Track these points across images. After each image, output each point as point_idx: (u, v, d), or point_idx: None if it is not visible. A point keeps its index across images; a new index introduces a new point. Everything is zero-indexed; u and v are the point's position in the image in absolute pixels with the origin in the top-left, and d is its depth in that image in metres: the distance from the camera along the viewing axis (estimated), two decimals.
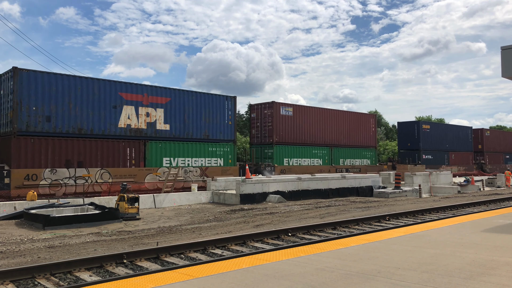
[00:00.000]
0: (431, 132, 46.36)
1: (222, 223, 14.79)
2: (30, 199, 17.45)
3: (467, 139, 51.67)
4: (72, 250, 10.35)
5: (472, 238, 8.32)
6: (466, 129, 52.68)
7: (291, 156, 32.31)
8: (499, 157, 56.41)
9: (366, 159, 38.96)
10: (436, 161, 45.67)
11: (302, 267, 6.10)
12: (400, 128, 48.28)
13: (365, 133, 39.28)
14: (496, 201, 21.67)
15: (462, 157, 50.06)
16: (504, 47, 10.48)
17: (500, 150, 56.41)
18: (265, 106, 32.47)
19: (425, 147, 44.81)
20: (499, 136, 57.45)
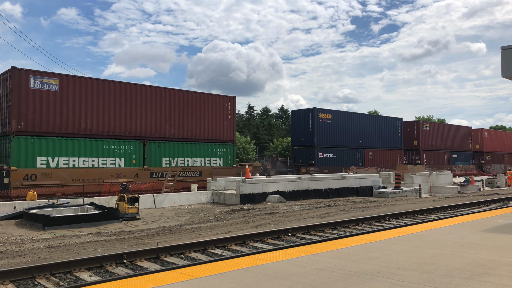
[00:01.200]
0: (334, 124, 36.17)
1: (222, 223, 14.79)
2: (30, 199, 17.44)
3: (395, 133, 42.05)
4: (72, 250, 10.35)
5: (472, 238, 8.32)
6: (393, 121, 42.25)
7: (54, 154, 20.62)
8: (442, 156, 48.01)
9: (216, 158, 27.47)
10: (340, 161, 36.18)
11: (302, 267, 6.10)
12: (294, 118, 37.17)
13: (216, 121, 27.62)
14: (496, 201, 21.66)
15: (386, 156, 40.30)
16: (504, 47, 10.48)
17: (444, 148, 48.69)
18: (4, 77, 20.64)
19: (323, 142, 35.03)
20: (440, 131, 48.39)
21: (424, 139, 45.37)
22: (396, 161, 41.23)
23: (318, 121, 34.82)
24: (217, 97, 28.15)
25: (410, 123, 45.93)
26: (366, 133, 39.12)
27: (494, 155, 55.21)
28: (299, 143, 36.19)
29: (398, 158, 41.95)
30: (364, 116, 40.79)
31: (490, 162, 53.41)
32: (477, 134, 53.82)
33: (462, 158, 50.20)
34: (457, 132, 50.55)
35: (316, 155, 34.61)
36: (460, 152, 50.13)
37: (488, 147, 54.12)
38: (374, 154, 39.24)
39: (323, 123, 35.27)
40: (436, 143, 46.88)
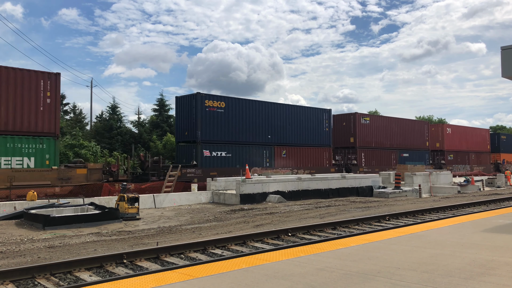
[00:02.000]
0: (228, 114, 27.77)
1: (222, 223, 14.79)
2: (30, 199, 17.44)
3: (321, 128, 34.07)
4: (72, 250, 10.35)
5: (472, 238, 8.32)
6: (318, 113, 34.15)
7: None
8: (388, 155, 39.90)
9: (24, 157, 19.91)
10: (238, 161, 28.01)
11: (302, 267, 6.10)
12: (179, 107, 28.97)
13: (24, 106, 20.06)
14: (496, 201, 21.67)
15: (307, 155, 32.67)
16: (504, 47, 10.49)
17: (391, 145, 40.43)
18: None
19: (211, 137, 26.83)
20: (386, 126, 40.47)
21: (363, 135, 37.70)
22: (323, 160, 33.98)
23: (204, 110, 26.65)
24: (28, 73, 20.32)
25: (346, 116, 38.57)
26: (279, 126, 31.03)
27: (458, 154, 49.07)
28: (183, 138, 28.04)
29: (325, 157, 34.21)
30: (275, 105, 31.65)
31: (452, 162, 47.41)
32: (437, 130, 47.71)
33: (415, 157, 42.96)
34: (409, 128, 43.07)
35: (199, 153, 26.37)
36: (414, 151, 43.07)
37: (450, 145, 47.91)
38: (289, 153, 31.48)
39: (212, 112, 27.12)
40: (380, 140, 39.38)
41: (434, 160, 47.16)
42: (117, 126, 44.29)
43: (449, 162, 47.51)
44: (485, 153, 54.61)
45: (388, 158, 40.16)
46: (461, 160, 49.38)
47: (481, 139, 53.88)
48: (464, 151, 50.19)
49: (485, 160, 54.25)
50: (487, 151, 54.86)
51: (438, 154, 47.39)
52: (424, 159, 44.40)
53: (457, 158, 48.86)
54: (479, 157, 53.08)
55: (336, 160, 37.85)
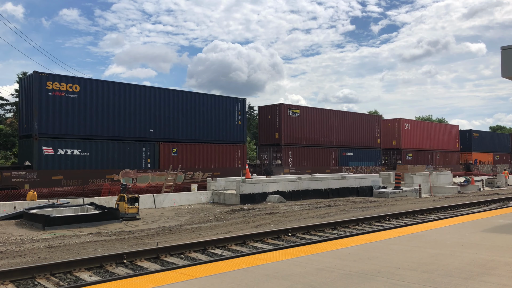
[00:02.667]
0: (86, 101, 21.75)
1: (222, 223, 14.79)
2: (30, 199, 17.44)
3: (230, 121, 27.84)
4: (72, 250, 10.35)
5: (472, 238, 8.32)
6: (227, 102, 27.80)
7: None
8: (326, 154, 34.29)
9: None
10: (100, 161, 22.08)
11: (302, 267, 6.10)
12: (21, 91, 24.04)
13: None
14: (496, 201, 21.67)
15: (209, 153, 26.48)
16: (504, 47, 10.48)
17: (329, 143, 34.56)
18: None
19: (56, 130, 20.77)
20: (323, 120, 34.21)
21: (291, 130, 31.68)
22: (233, 160, 27.61)
23: (45, 95, 20.39)
24: None
25: (271, 108, 31.95)
26: (167, 118, 24.92)
27: (419, 153, 43.41)
28: (25, 131, 21.83)
29: (237, 156, 27.99)
30: (160, 91, 25.04)
31: (411, 162, 41.53)
32: (394, 126, 41.74)
33: (363, 157, 37.30)
34: (354, 122, 36.96)
35: (37, 151, 20.07)
36: (360, 149, 37.19)
37: (409, 143, 42.25)
38: (183, 150, 25.29)
39: (59, 98, 20.74)
40: (314, 136, 33.30)
41: (391, 159, 41.88)
42: None
43: (407, 162, 41.21)
44: (454, 152, 48.92)
45: (326, 158, 34.22)
46: (422, 160, 43.51)
47: (449, 137, 48.14)
48: (426, 150, 44.64)
49: (454, 160, 48.60)
50: (455, 150, 49.21)
51: (395, 153, 41.76)
52: (374, 159, 38.46)
53: (418, 158, 43.21)
54: (446, 156, 47.33)
55: (263, 159, 32.22)
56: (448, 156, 47.64)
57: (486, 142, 54.07)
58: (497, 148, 56.14)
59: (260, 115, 33.41)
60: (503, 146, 57.89)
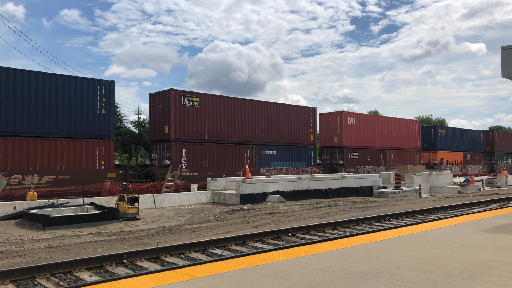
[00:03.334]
0: None
1: (222, 223, 14.79)
2: (30, 199, 17.44)
3: (87, 110, 22.24)
4: (72, 250, 10.35)
5: (472, 238, 8.32)
6: (80, 84, 22.06)
7: None
8: (238, 152, 28.30)
9: None
10: None
11: (302, 267, 6.10)
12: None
13: None
14: (496, 201, 21.67)
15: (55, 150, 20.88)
16: (504, 47, 10.48)
17: (243, 138, 28.79)
18: None
19: None
20: (234, 111, 28.43)
21: (185, 123, 25.69)
22: (93, 160, 22.06)
23: None
24: None
25: (161, 95, 26.19)
26: None
27: (368, 152, 37.89)
28: None
29: (98, 154, 22.27)
30: None
31: (357, 163, 36.56)
32: (335, 120, 36.00)
33: (291, 156, 31.55)
34: (279, 114, 30.78)
35: None
36: (288, 147, 31.30)
37: (353, 140, 36.53)
38: (7, 147, 19.59)
39: None
40: (219, 130, 27.25)
41: (332, 159, 36.08)
42: (117, 126, 44.19)
43: (352, 163, 36.14)
44: (414, 150, 43.26)
45: (238, 157, 28.20)
46: (372, 160, 38.18)
47: (407, 133, 42.52)
48: (377, 148, 38.86)
49: (413, 159, 42.91)
50: (416, 148, 43.68)
51: (336, 152, 35.89)
52: (306, 159, 32.68)
53: (366, 157, 37.56)
54: (404, 155, 41.81)
55: (153, 159, 26.83)
56: (406, 155, 42.00)
57: (455, 140, 48.75)
58: (469, 146, 50.85)
59: (150, 104, 27.60)
60: (476, 144, 52.36)
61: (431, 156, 45.77)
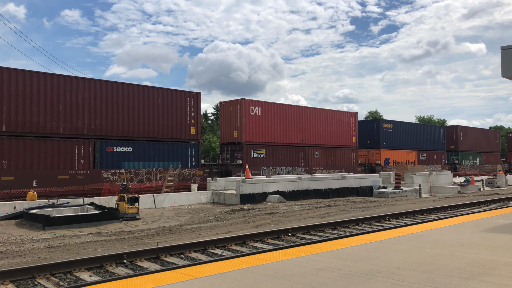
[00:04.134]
0: None
1: (222, 223, 14.79)
2: (30, 199, 17.44)
3: None
4: (72, 250, 10.35)
5: (472, 238, 8.32)
6: None
7: None
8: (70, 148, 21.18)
9: None
10: None
11: (302, 267, 6.10)
12: None
13: None
14: (496, 201, 21.67)
15: None
16: (504, 47, 10.49)
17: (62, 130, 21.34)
18: None
19: None
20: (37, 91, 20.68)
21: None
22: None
23: None
24: None
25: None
26: None
27: (279, 149, 30.77)
28: None
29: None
30: None
31: (263, 162, 29.58)
32: (236, 109, 29.18)
33: (158, 155, 24.65)
34: (139, 100, 24.01)
35: None
36: (154, 143, 24.67)
37: (257, 135, 29.48)
38: None
39: None
40: (27, 119, 20.15)
41: (232, 157, 29.20)
42: None
43: (256, 163, 29.01)
44: (347, 148, 36.01)
45: (65, 155, 21.05)
46: (287, 160, 31.15)
47: (338, 128, 35.34)
48: (294, 145, 31.81)
49: (346, 158, 35.77)
50: (351, 145, 36.39)
51: (236, 149, 29.05)
52: (184, 157, 25.73)
53: (276, 156, 30.56)
54: (333, 154, 34.56)
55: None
56: (336, 154, 34.83)
57: (406, 137, 42.59)
58: (425, 144, 44.75)
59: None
60: (434, 142, 46.25)
61: (373, 155, 38.92)
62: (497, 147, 58.08)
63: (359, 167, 36.39)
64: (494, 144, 56.98)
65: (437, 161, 46.01)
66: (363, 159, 39.32)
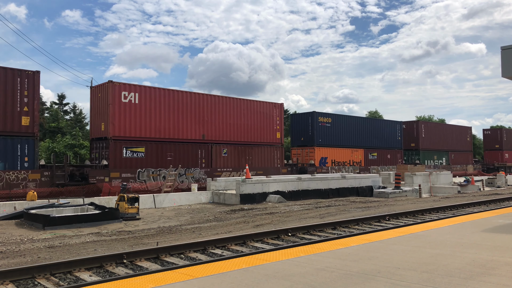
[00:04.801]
0: None
1: (222, 223, 14.79)
2: (30, 199, 17.44)
3: None
4: (72, 250, 10.35)
5: (472, 238, 8.32)
6: None
7: None
8: None
9: None
10: None
11: (302, 267, 6.10)
12: None
13: None
14: (496, 201, 21.67)
15: None
16: (504, 47, 10.48)
17: None
18: None
19: None
20: None
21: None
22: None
23: None
24: None
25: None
26: None
27: (165, 147, 25.00)
28: None
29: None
30: None
31: (141, 165, 23.75)
32: (104, 96, 23.45)
33: None
34: None
35: None
36: None
37: (132, 129, 23.70)
38: None
39: None
40: None
41: (101, 156, 23.36)
42: None
43: (131, 163, 23.30)
44: (269, 146, 30.49)
45: None
46: (179, 159, 25.35)
47: (257, 121, 29.74)
48: (191, 142, 26.25)
49: (267, 157, 30.15)
50: (274, 142, 30.70)
51: (103, 146, 23.52)
52: (12, 156, 20.10)
53: (162, 155, 24.78)
54: (248, 153, 29.06)
55: None
56: (252, 152, 29.29)
57: (349, 133, 36.86)
58: (376, 141, 39.20)
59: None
60: (388, 139, 40.55)
61: (308, 154, 33.54)
62: (468, 145, 52.61)
63: (284, 168, 31.00)
64: (464, 142, 51.59)
65: (392, 161, 40.63)
66: (298, 159, 34.46)
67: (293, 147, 36.20)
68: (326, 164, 34.70)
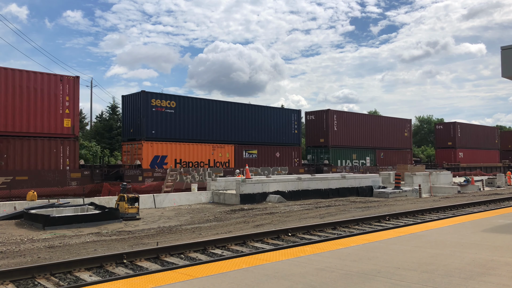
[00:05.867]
0: None
1: (222, 223, 14.79)
2: (30, 199, 17.44)
3: None
4: (72, 250, 10.35)
5: (472, 238, 8.32)
6: None
7: None
8: None
9: None
10: None
11: (302, 267, 6.09)
12: None
13: None
14: (496, 201, 21.65)
15: None
16: (504, 47, 10.48)
17: None
18: None
19: None
20: None
21: None
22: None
23: None
24: None
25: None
26: None
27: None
28: None
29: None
30: None
31: None
32: None
33: None
34: None
35: None
36: None
37: None
38: None
39: None
40: None
41: None
42: (117, 126, 44.08)
43: None
44: (48, 138, 21.23)
45: None
46: None
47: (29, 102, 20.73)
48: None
49: (49, 158, 20.99)
50: (58, 134, 21.55)
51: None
52: None
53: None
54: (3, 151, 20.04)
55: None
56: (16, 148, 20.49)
57: (207, 122, 27.97)
58: (256, 135, 30.89)
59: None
60: (278, 132, 32.54)
61: (136, 152, 25.08)
62: (406, 142, 43.04)
63: (74, 173, 21.59)
64: (401, 138, 42.34)
65: (282, 161, 31.91)
66: (128, 158, 25.82)
67: (124, 141, 26.92)
68: (165, 165, 25.35)
